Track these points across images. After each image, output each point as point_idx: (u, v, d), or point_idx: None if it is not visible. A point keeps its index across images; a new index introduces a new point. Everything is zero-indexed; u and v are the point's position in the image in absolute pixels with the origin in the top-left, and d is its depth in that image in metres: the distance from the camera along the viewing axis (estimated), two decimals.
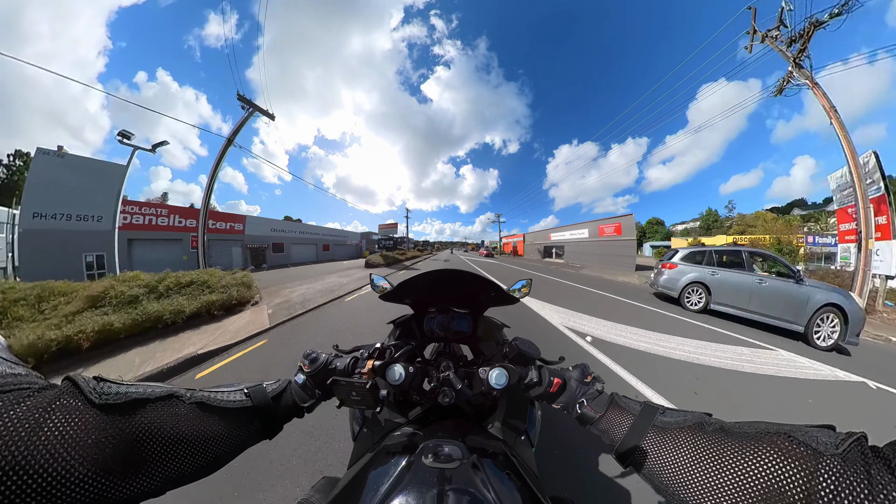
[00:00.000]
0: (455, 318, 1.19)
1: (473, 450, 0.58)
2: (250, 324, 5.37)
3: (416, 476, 0.50)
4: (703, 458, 0.41)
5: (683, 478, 0.42)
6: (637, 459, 0.51)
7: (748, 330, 5.78)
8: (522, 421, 0.91)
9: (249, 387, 0.59)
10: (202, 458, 0.46)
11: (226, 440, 0.50)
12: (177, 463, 0.42)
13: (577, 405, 0.66)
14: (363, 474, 0.58)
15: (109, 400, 0.38)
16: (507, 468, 0.60)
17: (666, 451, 0.47)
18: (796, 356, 4.45)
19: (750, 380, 3.46)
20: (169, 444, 0.42)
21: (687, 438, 0.45)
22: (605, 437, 0.59)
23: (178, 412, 0.45)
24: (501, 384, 0.71)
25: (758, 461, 0.36)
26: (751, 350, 4.57)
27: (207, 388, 0.54)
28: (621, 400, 0.62)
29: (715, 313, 6.86)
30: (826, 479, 0.30)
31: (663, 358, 3.96)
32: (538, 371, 0.74)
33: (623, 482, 1.72)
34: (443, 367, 0.84)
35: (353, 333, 4.98)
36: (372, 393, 0.65)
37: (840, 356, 4.68)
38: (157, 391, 0.44)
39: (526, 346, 0.81)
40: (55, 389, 0.36)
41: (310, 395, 0.68)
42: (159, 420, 0.42)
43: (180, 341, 4.45)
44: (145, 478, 0.39)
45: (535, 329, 5.25)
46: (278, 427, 0.62)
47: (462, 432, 0.71)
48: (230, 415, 0.53)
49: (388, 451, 0.64)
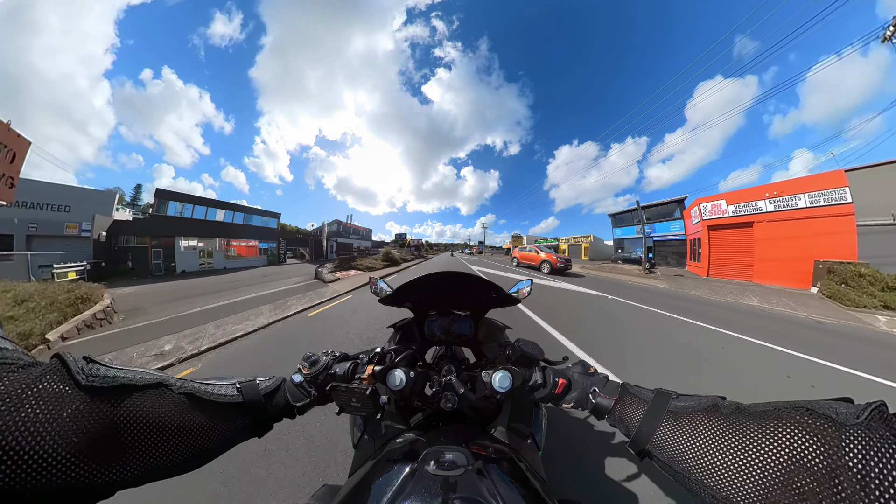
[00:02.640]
0: (456, 320, 1.18)
1: (478, 456, 0.56)
2: None
3: (420, 484, 0.49)
4: (722, 440, 0.41)
5: (704, 461, 0.41)
6: (655, 447, 0.49)
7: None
8: (528, 424, 0.89)
9: (242, 381, 0.58)
10: (186, 451, 0.45)
11: (213, 435, 0.49)
12: (160, 454, 0.41)
13: (589, 396, 0.65)
14: (365, 483, 0.57)
15: (96, 382, 0.37)
16: (514, 474, 0.58)
17: (684, 436, 0.46)
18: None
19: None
20: (153, 433, 0.41)
21: (704, 422, 0.45)
22: (621, 426, 0.58)
23: (166, 402, 0.44)
24: (505, 387, 0.69)
25: (779, 438, 0.35)
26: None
27: (198, 379, 0.53)
28: (632, 388, 0.61)
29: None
30: (852, 448, 0.30)
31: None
32: (542, 372, 0.73)
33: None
34: (444, 370, 0.83)
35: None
36: (372, 399, 0.64)
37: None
38: (147, 378, 0.43)
39: (529, 347, 0.80)
40: (41, 367, 0.35)
41: (304, 395, 0.66)
42: (145, 408, 0.41)
43: None
44: (125, 466, 0.38)
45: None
46: (268, 426, 0.60)
47: (466, 438, 0.69)
48: (219, 409, 0.51)
49: (390, 458, 0.63)
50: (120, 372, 0.40)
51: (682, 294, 10.32)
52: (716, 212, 17.61)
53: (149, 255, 21.23)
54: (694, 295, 10.12)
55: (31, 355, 0.37)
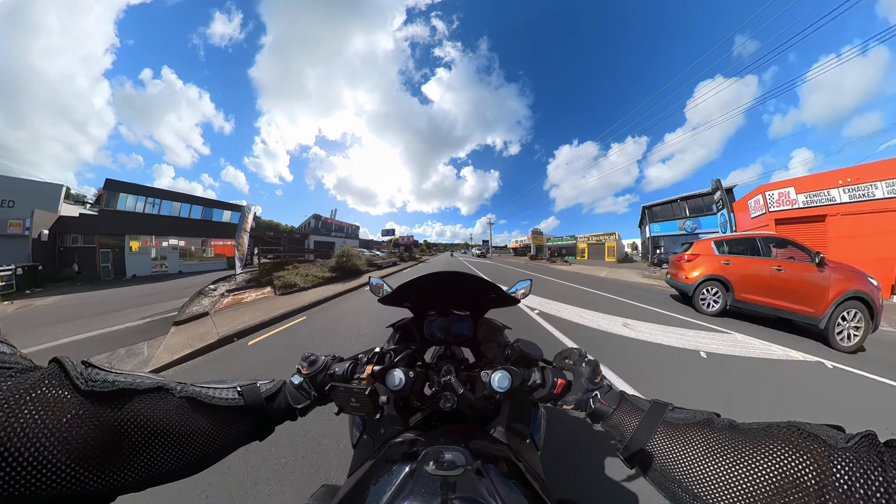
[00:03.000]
0: (455, 320, 1.18)
1: (477, 456, 0.56)
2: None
3: (419, 484, 0.49)
4: (715, 452, 0.41)
5: (697, 472, 0.42)
6: (647, 456, 0.50)
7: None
8: (527, 424, 0.89)
9: (243, 385, 0.58)
10: (188, 456, 0.45)
11: (214, 439, 0.49)
12: (161, 459, 0.41)
13: (590, 400, 0.65)
14: (364, 483, 0.57)
15: (96, 388, 0.36)
16: (513, 474, 0.58)
17: (677, 446, 0.47)
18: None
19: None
20: (154, 438, 0.40)
21: (697, 434, 0.45)
22: (616, 432, 0.59)
23: (167, 406, 0.43)
24: (504, 387, 0.69)
25: (771, 455, 0.36)
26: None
27: (199, 382, 0.53)
28: (630, 397, 0.62)
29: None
30: (840, 469, 0.31)
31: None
32: (541, 372, 0.73)
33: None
34: (444, 370, 0.83)
35: None
36: (371, 399, 0.64)
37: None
38: (147, 382, 0.43)
39: (528, 347, 0.80)
40: (40, 371, 0.35)
41: (305, 397, 0.66)
42: (146, 413, 0.40)
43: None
44: (126, 471, 0.37)
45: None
46: (270, 429, 0.60)
47: (465, 438, 0.69)
48: (221, 413, 0.51)
49: (389, 458, 0.63)
50: (119, 376, 0.40)
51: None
52: (783, 202, 13.79)
53: (97, 257, 18.34)
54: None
55: (29, 359, 0.37)
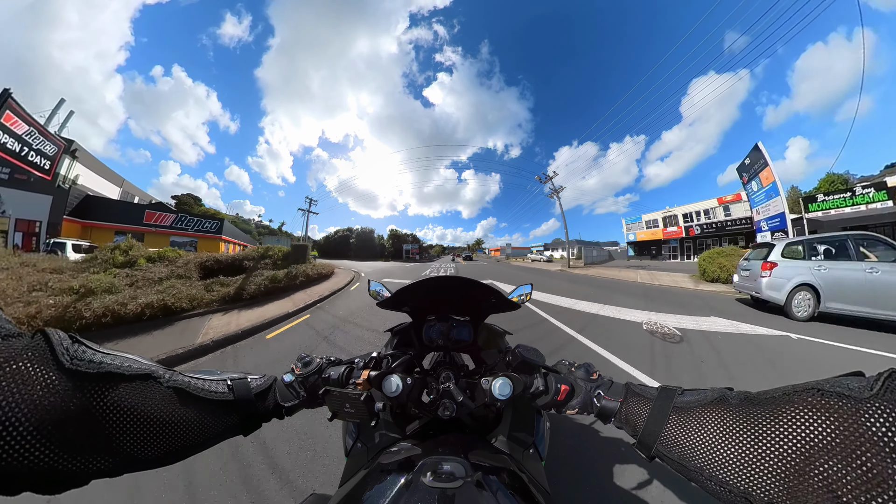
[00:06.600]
0: (455, 325, 1.15)
1: (477, 467, 0.54)
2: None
3: (415, 496, 0.46)
4: (733, 431, 0.38)
5: (717, 456, 0.39)
6: (663, 446, 0.47)
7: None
8: (529, 433, 0.86)
9: (233, 379, 0.57)
10: (168, 445, 0.43)
11: (198, 430, 0.48)
12: (140, 446, 0.40)
13: (594, 400, 0.63)
14: (356, 493, 0.55)
15: (81, 367, 0.35)
16: (516, 485, 0.56)
17: (693, 431, 0.44)
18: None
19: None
20: (135, 425, 0.39)
21: (712, 414, 0.42)
22: (628, 427, 0.56)
23: (153, 395, 0.42)
24: (505, 395, 0.67)
25: (793, 423, 0.33)
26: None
27: (189, 372, 0.51)
28: (636, 387, 0.59)
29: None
30: (872, 421, 0.28)
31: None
32: (544, 379, 0.71)
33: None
34: (443, 377, 0.80)
35: None
36: (367, 405, 0.62)
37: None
38: (134, 367, 0.41)
39: (530, 353, 0.78)
40: (23, 341, 0.33)
41: (294, 396, 0.65)
42: (129, 399, 0.39)
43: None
44: (103, 456, 0.36)
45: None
46: (256, 424, 0.59)
47: (464, 448, 0.67)
48: (208, 405, 0.50)
49: (383, 468, 0.61)
50: (107, 357, 0.39)
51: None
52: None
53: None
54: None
55: (15, 325, 0.35)
